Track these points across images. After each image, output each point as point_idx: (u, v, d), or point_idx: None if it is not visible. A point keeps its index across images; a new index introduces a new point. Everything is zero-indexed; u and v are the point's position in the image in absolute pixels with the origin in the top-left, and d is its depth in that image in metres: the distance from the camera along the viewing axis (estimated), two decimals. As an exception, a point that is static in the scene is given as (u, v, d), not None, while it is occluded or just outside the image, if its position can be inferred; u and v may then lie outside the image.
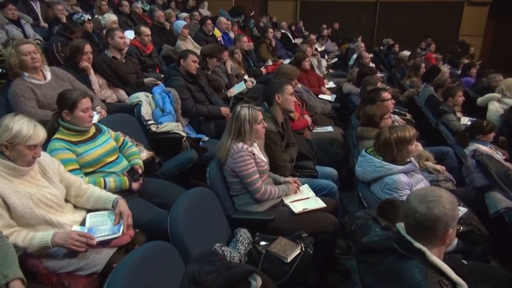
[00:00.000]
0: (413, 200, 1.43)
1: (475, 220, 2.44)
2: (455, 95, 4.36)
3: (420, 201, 1.40)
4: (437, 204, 1.36)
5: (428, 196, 1.40)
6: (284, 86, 2.72)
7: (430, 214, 1.36)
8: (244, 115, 2.31)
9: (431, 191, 1.43)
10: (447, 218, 1.36)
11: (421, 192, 1.45)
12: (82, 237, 1.65)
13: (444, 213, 1.35)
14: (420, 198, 1.41)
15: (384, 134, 2.35)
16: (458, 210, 1.43)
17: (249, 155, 2.27)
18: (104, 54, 3.90)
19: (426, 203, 1.38)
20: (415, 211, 1.39)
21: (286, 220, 2.30)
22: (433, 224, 1.36)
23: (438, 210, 1.35)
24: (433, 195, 1.39)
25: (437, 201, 1.37)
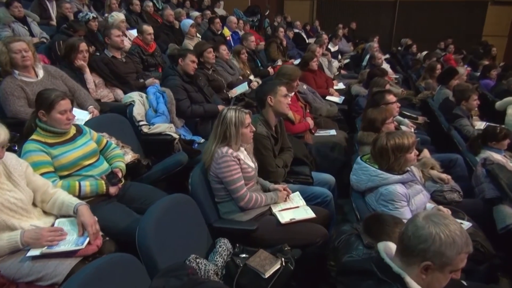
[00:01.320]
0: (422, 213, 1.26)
1: (479, 236, 2.24)
2: (469, 98, 4.11)
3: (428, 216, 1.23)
4: (437, 226, 1.19)
5: (443, 218, 1.23)
6: (277, 87, 2.58)
7: (424, 230, 1.18)
8: (230, 118, 2.18)
9: (453, 220, 1.25)
10: (433, 247, 1.18)
11: (439, 213, 1.28)
12: (54, 232, 1.57)
13: (438, 238, 1.17)
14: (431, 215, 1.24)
15: (380, 141, 2.18)
16: (454, 252, 1.19)
17: (233, 161, 2.14)
18: (103, 54, 3.84)
19: (431, 220, 1.21)
20: (410, 221, 1.23)
21: (271, 231, 2.17)
22: (415, 241, 1.19)
23: (432, 231, 1.18)
24: (447, 221, 1.22)
25: (441, 224, 1.19)
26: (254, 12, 11.14)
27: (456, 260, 1.20)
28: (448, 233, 1.17)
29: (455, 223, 1.21)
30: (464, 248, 1.19)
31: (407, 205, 2.14)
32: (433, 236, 1.17)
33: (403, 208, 2.11)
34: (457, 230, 1.19)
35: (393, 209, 2.11)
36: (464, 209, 2.64)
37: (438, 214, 1.25)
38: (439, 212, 1.27)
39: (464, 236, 1.19)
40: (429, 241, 1.17)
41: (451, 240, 1.17)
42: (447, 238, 1.16)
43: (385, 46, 11.49)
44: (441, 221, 1.20)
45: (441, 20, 11.50)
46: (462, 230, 1.21)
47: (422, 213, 1.25)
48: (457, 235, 1.18)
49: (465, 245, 1.20)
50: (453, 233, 1.17)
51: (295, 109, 3.59)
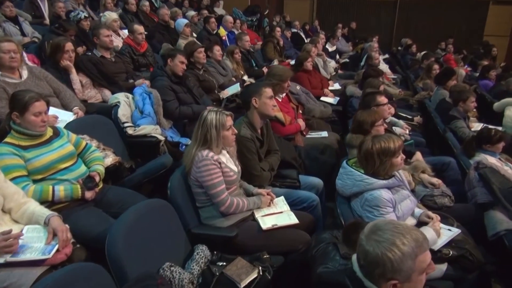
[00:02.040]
0: (365, 230, 1.21)
1: (469, 243, 2.17)
2: (466, 100, 4.03)
3: (369, 234, 1.17)
4: (380, 245, 1.12)
5: (383, 231, 1.16)
6: (262, 89, 2.51)
7: (371, 255, 1.13)
8: (211, 121, 2.12)
9: (393, 227, 1.18)
10: (387, 269, 1.11)
11: (380, 224, 1.21)
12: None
13: (387, 259, 1.11)
14: (372, 231, 1.18)
15: (366, 144, 2.11)
16: (410, 262, 1.12)
17: (214, 164, 2.08)
18: (92, 53, 3.78)
19: (374, 239, 1.15)
20: (359, 244, 1.17)
21: (252, 237, 2.10)
22: (370, 267, 1.13)
23: (378, 254, 1.11)
24: (388, 234, 1.14)
25: (383, 241, 1.13)
26: (254, 11, 11.06)
27: (418, 265, 1.14)
28: (393, 248, 1.11)
29: (397, 231, 1.14)
30: (418, 251, 1.13)
31: (393, 211, 2.07)
32: (381, 259, 1.11)
33: (389, 214, 2.03)
34: (402, 239, 1.12)
35: (378, 215, 2.03)
36: (455, 214, 2.56)
37: (379, 227, 1.17)
38: (381, 223, 1.20)
39: (413, 240, 1.13)
40: (380, 265, 1.12)
41: (400, 254, 1.11)
42: (395, 254, 1.11)
43: (385, 46, 11.40)
44: (382, 236, 1.13)
45: (442, 20, 11.39)
46: (408, 235, 1.13)
47: (365, 231, 1.19)
48: (403, 244, 1.11)
49: (418, 248, 1.13)
50: (399, 247, 1.11)
51: (286, 110, 3.52)
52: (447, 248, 2.11)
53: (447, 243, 2.14)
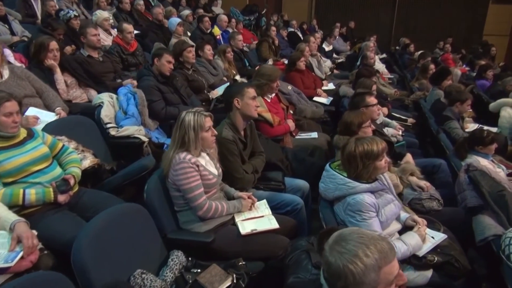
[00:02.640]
0: (330, 240, 1.14)
1: (455, 249, 2.11)
2: (464, 101, 3.95)
3: (333, 245, 1.11)
4: (342, 257, 1.06)
5: (346, 241, 1.09)
6: (245, 89, 2.44)
7: (333, 266, 1.06)
8: (189, 122, 2.06)
9: (358, 237, 1.10)
10: (350, 281, 1.04)
11: (345, 233, 1.15)
12: None
13: (348, 271, 1.04)
14: (335, 242, 1.12)
15: (349, 147, 2.04)
16: (373, 274, 1.05)
17: (191, 167, 2.02)
18: (79, 53, 3.73)
19: (336, 250, 1.08)
20: (323, 255, 1.11)
21: (231, 242, 2.04)
22: (333, 279, 1.07)
23: (339, 265, 1.05)
24: (350, 245, 1.08)
25: (345, 252, 1.06)
26: (252, 11, 11.03)
27: (383, 277, 1.06)
28: (355, 260, 1.04)
29: (361, 241, 1.07)
30: (382, 263, 1.05)
31: (376, 216, 2.00)
32: (343, 271, 1.04)
33: (371, 220, 1.97)
34: (365, 250, 1.05)
35: (360, 220, 1.97)
36: (444, 218, 2.50)
37: (343, 237, 1.11)
38: (345, 233, 1.13)
39: (377, 251, 1.05)
40: (342, 278, 1.05)
41: (362, 266, 1.04)
42: (357, 267, 1.03)
43: (384, 45, 11.32)
44: (345, 247, 1.07)
45: (441, 19, 11.30)
46: (372, 246, 1.06)
47: (329, 241, 1.13)
48: (366, 256, 1.04)
49: (383, 259, 1.05)
50: (361, 259, 1.04)
51: (275, 111, 3.46)
52: (432, 254, 2.05)
53: (432, 248, 2.08)
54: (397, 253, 1.94)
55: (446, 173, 3.02)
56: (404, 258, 2.00)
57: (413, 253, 2.03)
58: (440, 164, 3.04)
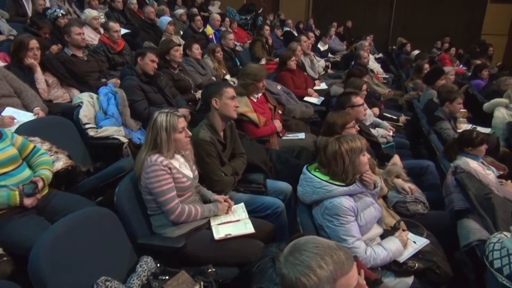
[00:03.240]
0: (285, 250, 1.07)
1: (438, 255, 2.03)
2: (454, 100, 3.87)
3: (287, 255, 1.04)
4: (295, 269, 0.99)
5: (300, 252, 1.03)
6: (223, 89, 2.37)
7: (287, 279, 0.99)
8: (161, 123, 1.99)
9: (314, 247, 1.04)
10: None
11: (300, 242, 1.08)
12: None
13: (301, 284, 0.97)
14: (289, 252, 1.05)
15: (332, 146, 1.98)
16: (329, 286, 0.99)
17: (163, 170, 1.94)
18: (62, 52, 3.66)
19: (290, 261, 1.02)
20: (277, 266, 1.04)
21: (204, 247, 1.97)
22: None
23: (292, 278, 0.98)
24: (304, 255, 1.01)
25: (298, 264, 1.00)
26: (249, 10, 10.98)
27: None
28: (308, 273, 0.97)
29: (316, 251, 1.01)
30: (338, 275, 0.99)
31: (355, 220, 1.93)
32: (296, 284, 0.97)
33: (349, 224, 1.90)
34: (319, 262, 0.99)
35: (338, 225, 1.90)
36: (429, 222, 2.43)
37: (298, 247, 1.04)
38: (301, 242, 1.06)
39: (332, 263, 0.99)
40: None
41: (315, 279, 0.97)
42: (309, 280, 0.97)
43: (382, 45, 11.25)
44: (298, 258, 1.00)
45: (439, 19, 11.19)
46: (327, 257, 1.00)
47: (285, 251, 1.06)
48: (320, 268, 0.98)
49: (338, 270, 0.99)
50: (315, 271, 0.98)
51: (262, 111, 3.39)
52: (413, 260, 1.97)
53: (414, 254, 2.00)
54: (376, 259, 1.89)
55: (434, 175, 2.94)
56: (384, 264, 1.93)
57: (394, 259, 1.96)
58: (427, 166, 2.97)
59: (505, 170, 3.34)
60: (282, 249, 1.53)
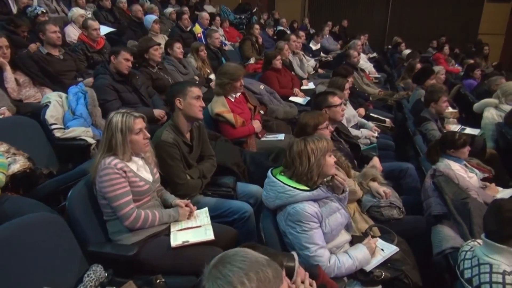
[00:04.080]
0: (212, 262, 0.98)
1: (407, 263, 1.93)
2: (438, 100, 3.76)
3: (212, 268, 0.95)
4: (216, 283, 0.90)
5: (224, 265, 0.93)
6: (187, 88, 2.27)
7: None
8: (116, 124, 1.89)
9: (241, 260, 0.95)
10: None
11: (228, 255, 0.98)
12: None
13: None
14: (214, 264, 0.96)
15: (297, 145, 1.89)
16: None
17: (116, 173, 1.85)
18: (37, 50, 3.57)
19: (213, 275, 0.92)
20: (200, 279, 0.95)
21: (160, 255, 1.87)
22: None
23: None
24: (227, 269, 0.92)
25: (218, 278, 0.90)
26: (244, 9, 10.89)
27: None
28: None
29: (241, 266, 0.92)
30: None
31: (319, 227, 1.83)
32: None
33: (312, 231, 1.80)
34: (242, 279, 0.90)
35: (300, 232, 1.80)
36: (404, 228, 2.33)
37: (224, 259, 0.96)
38: (229, 254, 0.98)
39: (257, 280, 0.90)
40: None
41: None
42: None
43: (378, 44, 11.12)
44: (221, 272, 0.91)
45: (435, 18, 11.09)
46: (252, 273, 0.91)
47: (211, 263, 0.98)
48: (242, 284, 0.89)
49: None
50: (233, 287, 0.89)
51: (240, 111, 3.28)
52: (381, 269, 1.87)
53: (382, 263, 1.90)
54: (340, 267, 1.79)
55: (414, 178, 2.84)
56: (350, 273, 1.83)
57: (360, 268, 1.86)
58: (407, 169, 2.86)
59: (490, 173, 3.23)
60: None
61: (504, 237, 1.64)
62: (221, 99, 3.20)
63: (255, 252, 1.00)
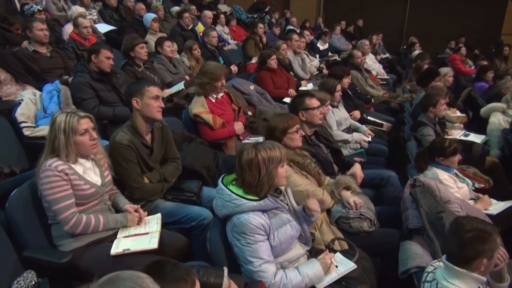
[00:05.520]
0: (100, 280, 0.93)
1: (365, 282, 1.78)
2: (436, 103, 3.52)
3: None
4: None
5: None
6: (145, 87, 2.16)
7: None
8: (59, 124, 1.81)
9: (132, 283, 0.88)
10: None
11: (119, 277, 0.92)
12: None
13: None
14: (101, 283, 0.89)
15: (247, 153, 1.74)
16: None
17: (57, 176, 1.76)
18: (24, 48, 3.56)
19: None
20: None
21: (99, 263, 1.78)
22: None
23: None
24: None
25: None
26: (258, 8, 10.82)
27: None
28: None
29: None
30: None
31: (266, 240, 1.69)
32: None
33: (257, 244, 1.66)
34: None
35: (245, 245, 1.67)
36: (375, 242, 2.18)
37: (113, 280, 0.90)
38: (121, 276, 0.92)
39: None
40: None
41: None
42: None
43: (394, 44, 10.76)
44: None
45: (456, 17, 10.62)
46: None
47: (99, 281, 0.92)
48: None
49: None
50: None
51: (221, 112, 3.17)
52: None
53: (337, 281, 1.75)
54: (286, 285, 1.65)
55: (396, 188, 2.65)
56: (298, 291, 1.69)
57: (311, 285, 1.71)
58: (389, 177, 2.67)
59: (487, 184, 3.00)
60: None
61: (464, 260, 1.46)
62: (201, 99, 3.10)
63: (151, 282, 0.93)
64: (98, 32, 5.20)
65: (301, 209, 1.88)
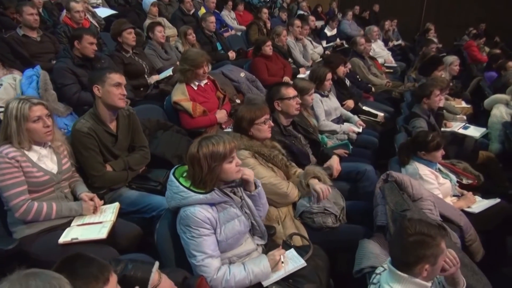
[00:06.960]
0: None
1: (314, 281, 1.73)
2: (430, 94, 3.36)
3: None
4: None
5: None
6: (106, 75, 2.12)
7: None
8: (11, 111, 1.80)
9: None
10: None
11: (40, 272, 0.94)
12: None
13: None
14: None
15: (192, 148, 1.69)
16: None
17: (8, 163, 1.76)
18: (14, 32, 3.58)
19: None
20: None
21: (48, 251, 1.78)
22: None
23: None
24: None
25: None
26: (272, -8, 10.60)
27: None
28: None
29: None
30: None
31: (212, 234, 1.65)
32: None
33: (201, 238, 1.62)
34: None
35: (190, 238, 1.64)
36: (339, 238, 2.12)
37: (29, 276, 0.92)
38: (40, 271, 0.96)
39: None
40: None
41: None
42: None
43: (412, 30, 10.36)
44: (26, 283, 0.90)
45: (476, 3, 10.10)
46: None
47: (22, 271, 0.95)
48: None
49: None
50: None
51: (203, 100, 3.12)
52: (280, 285, 1.67)
53: (284, 278, 1.70)
54: (228, 281, 1.61)
55: (372, 182, 2.53)
56: (242, 287, 1.64)
57: (256, 282, 1.66)
58: (365, 171, 2.56)
59: (476, 180, 2.86)
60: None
61: (406, 265, 1.38)
62: (182, 86, 3.05)
63: (64, 281, 0.97)
64: (98, 16, 5.19)
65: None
